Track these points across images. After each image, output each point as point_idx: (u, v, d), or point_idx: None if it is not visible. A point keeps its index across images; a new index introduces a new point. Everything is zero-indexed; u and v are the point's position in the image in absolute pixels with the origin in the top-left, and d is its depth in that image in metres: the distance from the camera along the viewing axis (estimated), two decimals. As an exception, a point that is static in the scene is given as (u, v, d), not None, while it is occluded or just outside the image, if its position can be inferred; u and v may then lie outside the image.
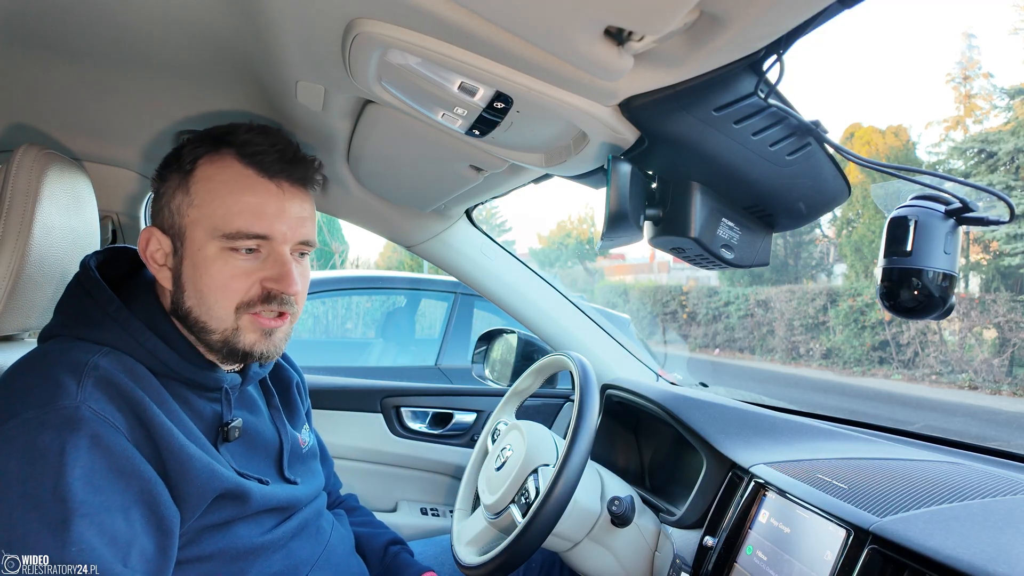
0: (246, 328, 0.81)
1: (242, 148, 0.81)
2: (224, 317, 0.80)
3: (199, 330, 0.80)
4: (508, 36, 0.57)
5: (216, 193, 0.80)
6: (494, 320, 3.75)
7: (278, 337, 0.84)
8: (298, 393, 1.06)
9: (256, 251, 0.80)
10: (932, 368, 11.03)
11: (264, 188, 0.80)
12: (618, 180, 0.74)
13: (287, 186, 0.82)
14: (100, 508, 0.64)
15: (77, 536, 0.61)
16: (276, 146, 0.82)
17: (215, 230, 0.79)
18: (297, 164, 0.83)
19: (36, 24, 0.81)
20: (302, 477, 0.94)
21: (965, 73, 15.51)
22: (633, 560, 1.03)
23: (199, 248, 0.79)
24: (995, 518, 0.68)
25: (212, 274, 0.79)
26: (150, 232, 0.83)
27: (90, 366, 0.71)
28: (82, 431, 0.65)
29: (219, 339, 0.80)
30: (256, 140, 0.81)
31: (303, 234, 0.83)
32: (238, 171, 0.80)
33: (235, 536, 0.79)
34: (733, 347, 14.73)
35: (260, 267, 0.80)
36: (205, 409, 0.82)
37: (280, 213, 0.80)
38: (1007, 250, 11.88)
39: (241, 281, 0.79)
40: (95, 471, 0.65)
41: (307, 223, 0.84)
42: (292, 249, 0.83)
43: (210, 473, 0.74)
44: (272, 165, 0.81)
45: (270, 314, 0.82)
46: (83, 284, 0.81)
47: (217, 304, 0.79)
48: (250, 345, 0.81)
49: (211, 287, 0.79)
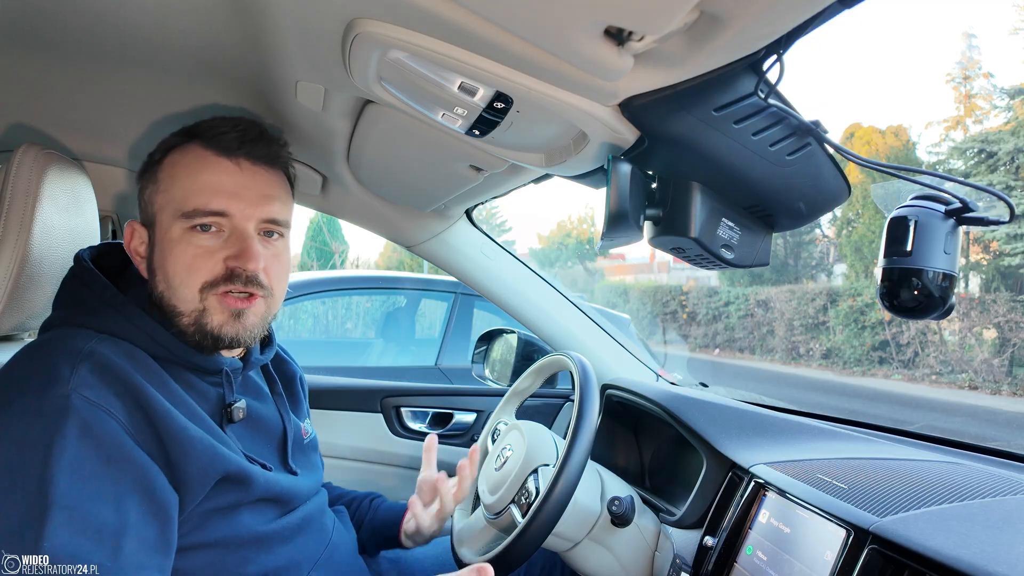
0: (213, 309, 0.80)
1: (205, 134, 0.83)
2: (190, 298, 0.80)
3: (171, 314, 0.80)
4: (508, 36, 0.57)
5: (177, 177, 0.82)
6: (494, 320, 3.74)
7: (250, 321, 0.82)
8: (300, 387, 1.07)
9: (219, 231, 0.81)
10: (932, 368, 11.03)
11: (221, 166, 0.82)
12: (618, 180, 0.74)
13: (247, 164, 0.83)
14: (86, 499, 0.64)
15: (53, 530, 0.61)
16: (238, 127, 0.83)
17: (176, 211, 0.80)
18: (258, 142, 0.84)
19: (36, 24, 0.81)
20: (303, 468, 0.94)
21: (965, 73, 15.51)
22: (633, 560, 1.03)
23: (165, 231, 0.81)
24: (995, 518, 0.68)
25: (176, 255, 0.80)
26: (132, 227, 0.86)
27: (86, 352, 0.71)
28: (71, 420, 0.65)
29: (189, 322, 0.80)
30: (219, 125, 0.83)
31: (267, 212, 0.83)
32: (199, 154, 0.82)
33: (239, 523, 0.79)
34: (733, 347, 14.73)
35: (223, 246, 0.81)
36: (209, 391, 0.83)
37: (239, 190, 0.81)
38: (1007, 250, 11.88)
39: (204, 260, 0.80)
40: (83, 461, 0.65)
41: (272, 201, 0.84)
42: (257, 228, 0.83)
43: (212, 454, 0.74)
44: (230, 143, 0.82)
45: (238, 293, 0.81)
46: (78, 276, 0.82)
47: (183, 285, 0.80)
48: (218, 326, 0.80)
49: (176, 268, 0.80)
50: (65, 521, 0.62)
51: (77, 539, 0.62)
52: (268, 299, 0.85)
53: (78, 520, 0.63)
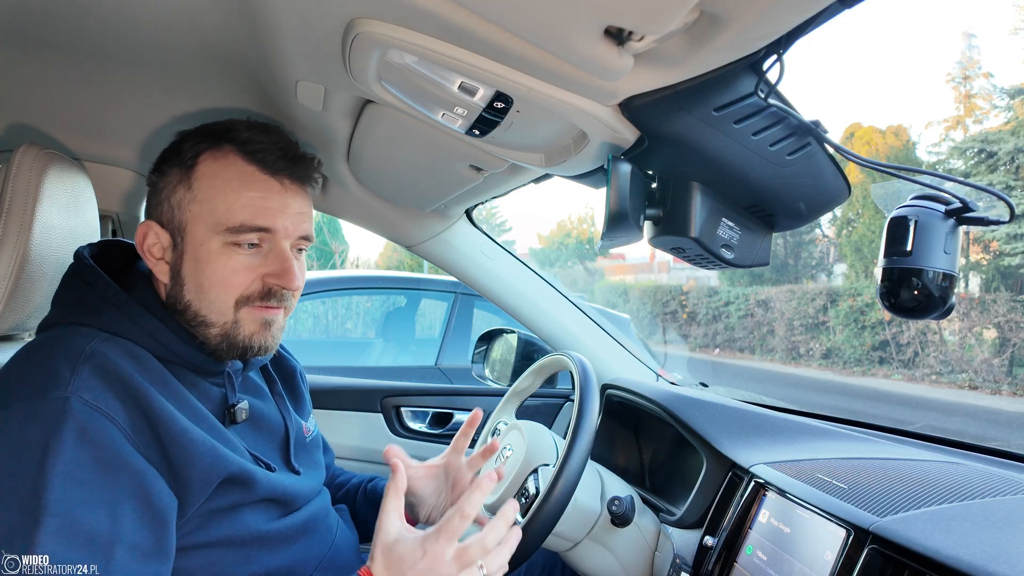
0: (245, 319, 0.81)
1: (244, 146, 0.82)
2: (224, 311, 0.80)
3: (198, 324, 0.81)
4: (508, 36, 0.57)
5: (220, 189, 0.80)
6: (494, 320, 3.74)
7: (276, 328, 0.85)
8: (301, 382, 1.07)
9: (258, 246, 0.81)
10: (932, 368, 11.03)
11: (267, 184, 0.82)
12: (618, 180, 0.74)
13: (288, 183, 0.84)
14: (80, 504, 0.63)
15: (44, 537, 0.60)
16: (278, 144, 0.83)
17: (218, 224, 0.79)
18: (298, 162, 0.85)
19: (36, 24, 0.81)
20: (306, 467, 0.94)
21: (965, 73, 15.51)
22: (633, 560, 1.03)
23: (201, 243, 0.80)
24: (995, 518, 0.68)
25: (215, 268, 0.80)
26: (148, 226, 0.84)
27: (87, 353, 0.70)
28: (68, 424, 0.65)
29: (218, 332, 0.81)
30: (258, 138, 0.83)
31: (303, 229, 0.85)
32: (241, 168, 0.81)
33: (242, 523, 0.79)
34: (733, 347, 14.73)
35: (262, 262, 0.81)
36: (212, 391, 0.83)
37: (282, 208, 0.82)
38: (1007, 250, 11.88)
39: (243, 276, 0.80)
40: (79, 465, 0.64)
41: (307, 219, 0.86)
42: (292, 245, 0.84)
43: (214, 457, 0.74)
44: (275, 163, 0.82)
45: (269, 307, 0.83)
46: (79, 273, 0.81)
47: (218, 299, 0.80)
48: (249, 336, 0.82)
49: (213, 281, 0.80)
50: (57, 528, 0.61)
51: (68, 547, 0.61)
52: (288, 309, 0.87)
53: (70, 527, 0.62)
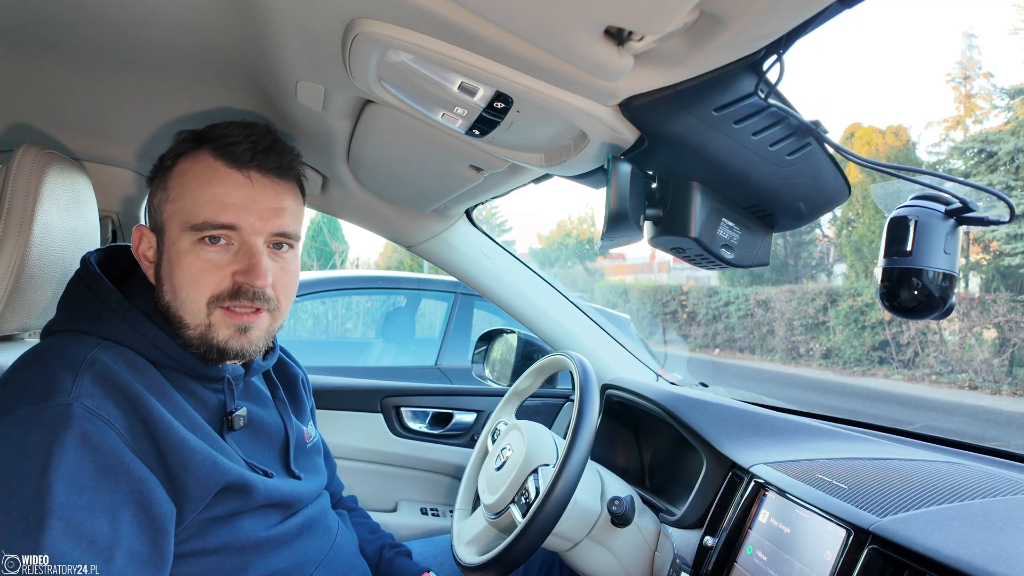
0: (219, 323, 0.80)
1: (216, 142, 0.81)
2: (197, 311, 0.79)
3: (177, 325, 0.80)
4: (508, 36, 0.57)
5: (187, 187, 0.80)
6: (494, 320, 3.74)
7: (255, 335, 0.82)
8: (303, 389, 1.06)
9: (228, 244, 0.80)
10: (932, 368, 11.03)
11: (231, 178, 0.80)
12: (618, 180, 0.74)
13: (257, 176, 0.81)
14: (82, 509, 0.63)
15: (49, 539, 0.61)
16: (250, 137, 0.81)
17: (185, 223, 0.79)
18: (270, 154, 0.82)
19: (36, 24, 0.81)
20: (306, 472, 0.94)
21: (965, 73, 15.50)
22: (633, 560, 1.03)
23: (174, 242, 0.80)
24: (995, 518, 0.68)
25: (184, 267, 0.79)
26: (140, 230, 0.85)
27: (88, 361, 0.71)
28: (71, 429, 0.65)
29: (195, 335, 0.80)
30: (231, 133, 0.81)
31: (278, 225, 0.82)
32: (208, 163, 0.81)
33: (240, 529, 0.79)
34: (733, 347, 14.73)
35: (231, 260, 0.80)
36: (210, 398, 0.82)
37: (248, 203, 0.80)
38: (1007, 250, 11.87)
39: (212, 274, 0.79)
40: (81, 471, 0.64)
41: (282, 214, 0.83)
42: (267, 241, 0.82)
43: (212, 466, 0.74)
44: (241, 155, 0.80)
45: (243, 309, 0.80)
46: (84, 279, 0.82)
47: (189, 298, 0.79)
48: (224, 341, 0.80)
49: (183, 280, 0.79)
50: (62, 531, 0.61)
51: (72, 549, 0.62)
52: (274, 312, 0.84)
53: (73, 530, 0.62)
